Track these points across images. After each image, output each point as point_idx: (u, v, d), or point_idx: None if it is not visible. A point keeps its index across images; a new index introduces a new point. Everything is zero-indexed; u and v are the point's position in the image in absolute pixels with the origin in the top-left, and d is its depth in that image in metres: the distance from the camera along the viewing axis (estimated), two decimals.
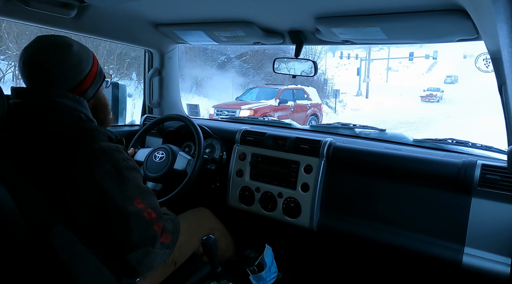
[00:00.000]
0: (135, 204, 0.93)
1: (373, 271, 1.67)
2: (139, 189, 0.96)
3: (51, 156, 0.88)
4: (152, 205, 0.98)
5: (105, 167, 0.90)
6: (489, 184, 1.25)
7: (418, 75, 41.81)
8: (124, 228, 0.92)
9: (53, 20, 1.42)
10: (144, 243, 0.94)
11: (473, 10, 0.97)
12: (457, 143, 1.54)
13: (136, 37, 1.86)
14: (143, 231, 0.94)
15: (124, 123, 2.18)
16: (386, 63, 39.53)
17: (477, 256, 1.26)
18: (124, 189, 0.92)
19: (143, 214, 0.94)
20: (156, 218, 0.98)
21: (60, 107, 0.92)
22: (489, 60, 1.23)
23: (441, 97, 27.73)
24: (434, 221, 1.36)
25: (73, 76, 0.97)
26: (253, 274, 1.58)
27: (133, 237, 0.92)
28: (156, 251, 0.97)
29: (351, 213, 1.53)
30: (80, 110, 0.96)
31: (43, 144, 0.89)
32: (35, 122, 0.90)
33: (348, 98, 24.45)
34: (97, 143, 0.92)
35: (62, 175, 0.87)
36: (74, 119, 0.94)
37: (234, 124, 1.99)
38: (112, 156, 0.92)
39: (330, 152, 1.56)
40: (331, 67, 42.04)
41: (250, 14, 1.44)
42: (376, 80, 36.51)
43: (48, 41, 0.96)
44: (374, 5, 1.17)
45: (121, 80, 9.59)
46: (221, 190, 1.81)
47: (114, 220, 0.91)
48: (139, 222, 0.93)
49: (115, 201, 0.90)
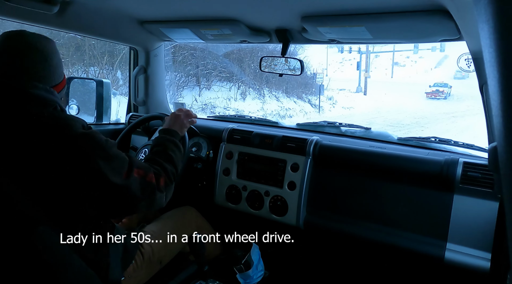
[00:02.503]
0: (126, 176, 0.97)
1: (358, 268, 1.69)
2: (123, 161, 1.00)
3: (33, 149, 0.86)
4: (136, 164, 1.03)
5: (93, 148, 0.92)
6: (471, 181, 1.28)
7: (426, 70, 38.72)
8: (127, 198, 0.98)
9: (35, 16, 1.38)
10: (148, 196, 1.03)
11: (455, 11, 0.99)
12: (440, 141, 1.57)
13: (120, 34, 1.83)
14: (142, 190, 1.01)
15: (109, 121, 2.14)
16: (392, 58, 37.07)
17: (459, 252, 1.29)
18: (114, 166, 0.95)
19: (135, 176, 1.00)
20: (145, 172, 1.03)
21: (35, 98, 0.91)
22: (470, 60, 1.26)
23: (449, 93, 24.53)
24: (417, 218, 1.38)
25: (57, 77, 0.99)
26: (240, 272, 1.58)
27: (137, 200, 1.00)
28: (158, 194, 1.06)
29: (337, 211, 1.54)
30: (55, 100, 0.95)
31: (22, 136, 0.86)
32: (10, 115, 0.88)
33: (342, 95, 21.79)
34: (77, 130, 0.93)
35: (50, 167, 0.85)
36: (50, 109, 0.93)
37: (221, 123, 1.99)
38: (95, 137, 0.95)
39: (317, 150, 1.57)
40: (335, 63, 40.73)
41: (237, 13, 1.43)
42: (381, 76, 34.74)
43: (21, 36, 0.96)
44: (359, 5, 1.18)
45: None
46: (208, 189, 1.80)
47: (114, 195, 0.95)
48: (136, 186, 0.99)
49: (109, 180, 0.93)
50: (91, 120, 2.05)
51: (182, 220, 1.50)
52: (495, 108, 0.32)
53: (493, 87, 0.31)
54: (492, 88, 0.32)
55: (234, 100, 13.08)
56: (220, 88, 12.63)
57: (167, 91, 2.30)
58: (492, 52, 0.30)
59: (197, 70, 11.84)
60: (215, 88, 12.51)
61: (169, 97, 2.31)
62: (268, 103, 14.19)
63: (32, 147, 0.86)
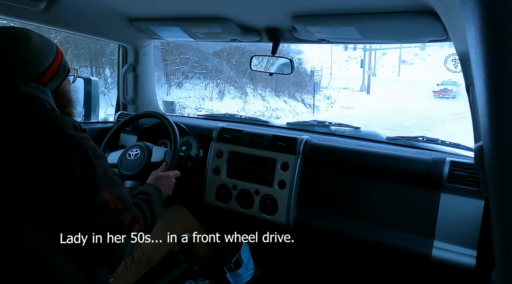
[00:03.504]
0: (103, 193, 0.90)
1: (347, 266, 1.71)
2: (107, 178, 0.93)
3: (16, 147, 0.84)
4: (120, 194, 0.95)
5: (75, 154, 0.87)
6: (457, 179, 1.30)
7: (435, 68, 35.95)
8: (91, 217, 0.88)
9: (21, 12, 1.35)
10: (112, 234, 0.91)
11: (443, 12, 1.00)
12: (427, 140, 1.59)
13: (109, 32, 1.81)
14: (109, 221, 0.91)
15: (97, 120, 2.12)
16: (399, 56, 35.60)
17: (445, 249, 1.31)
18: (93, 177, 0.88)
19: (110, 205, 0.91)
20: (123, 208, 0.94)
21: (23, 95, 0.89)
22: (457, 61, 1.28)
23: (458, 92, 22.51)
24: (405, 216, 1.40)
25: (31, 68, 0.93)
26: (230, 271, 1.58)
27: (99, 226, 0.89)
28: (125, 241, 0.94)
29: (327, 210, 1.55)
30: (45, 98, 0.92)
31: (5, 133, 0.85)
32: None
33: (343, 94, 20.48)
34: (64, 131, 0.88)
35: (29, 165, 0.83)
36: (38, 107, 0.90)
37: (211, 122, 1.98)
38: (81, 143, 0.89)
39: (307, 149, 1.58)
40: (340, 61, 39.57)
41: (227, 11, 1.43)
42: (387, 74, 33.44)
43: (5, 32, 0.93)
44: (349, 5, 1.19)
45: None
46: (197, 188, 1.80)
47: (81, 209, 0.87)
48: (105, 212, 0.90)
49: (83, 189, 0.86)
50: (79, 119, 2.02)
51: (171, 219, 1.49)
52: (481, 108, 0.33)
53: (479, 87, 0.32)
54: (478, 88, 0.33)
55: (209, 100, 11.81)
56: (193, 86, 11.26)
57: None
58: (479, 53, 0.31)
59: (165, 65, 10.38)
60: (188, 86, 11.08)
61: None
62: (252, 103, 13.02)
63: (16, 145, 0.84)
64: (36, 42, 0.95)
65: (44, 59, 0.95)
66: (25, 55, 0.92)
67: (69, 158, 0.86)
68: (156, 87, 2.25)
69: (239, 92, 13.03)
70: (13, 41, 0.92)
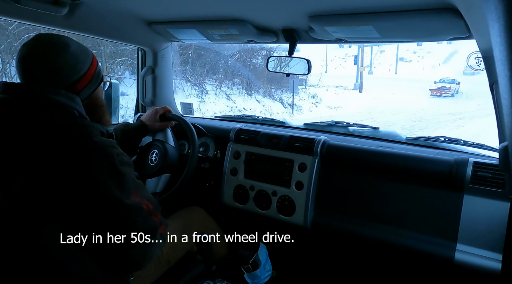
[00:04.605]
0: (132, 198, 0.93)
1: (366, 269, 1.68)
2: (134, 183, 0.96)
3: (44, 154, 0.87)
4: (148, 197, 0.99)
5: (102, 162, 0.90)
6: (481, 181, 1.26)
7: (434, 65, 35.89)
8: (125, 221, 0.91)
9: (44, 18, 1.40)
10: (146, 235, 0.94)
11: (465, 9, 0.98)
12: (449, 140, 1.55)
13: (129, 35, 1.84)
14: (144, 222, 0.94)
15: (117, 122, 2.16)
16: (396, 53, 35.07)
17: (469, 253, 1.27)
18: (121, 183, 0.92)
19: (142, 206, 0.95)
20: (154, 209, 0.98)
21: (51, 103, 0.92)
22: (480, 59, 1.24)
23: (457, 90, 21.79)
24: (426, 219, 1.37)
25: (66, 76, 0.96)
26: (248, 272, 1.58)
27: (135, 228, 0.92)
28: (157, 242, 0.97)
29: (345, 211, 1.54)
30: (73, 107, 0.95)
31: (33, 141, 0.87)
32: (26, 119, 0.89)
33: (332, 92, 19.30)
34: (92, 138, 0.91)
35: (55, 172, 0.86)
36: (67, 116, 0.93)
37: (228, 123, 1.99)
38: (108, 151, 0.92)
39: (324, 150, 1.56)
40: (337, 59, 38.92)
41: (244, 13, 1.43)
42: (384, 72, 32.83)
43: (45, 39, 0.96)
44: (367, 4, 1.17)
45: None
46: (215, 189, 1.81)
47: (115, 215, 0.90)
48: (139, 214, 0.93)
49: (114, 196, 0.89)
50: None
51: (189, 220, 1.50)
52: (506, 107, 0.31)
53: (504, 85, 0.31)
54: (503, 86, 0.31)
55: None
56: (134, 81, 7.73)
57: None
58: (503, 50, 0.30)
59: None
60: (129, 81, 8.51)
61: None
62: (211, 103, 11.42)
63: (45, 153, 0.87)
64: (74, 50, 0.98)
65: (80, 67, 0.99)
66: (62, 63, 0.95)
67: (97, 167, 0.89)
68: None
69: (196, 90, 11.35)
70: (52, 49, 0.94)
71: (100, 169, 0.89)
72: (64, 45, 0.96)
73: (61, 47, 0.96)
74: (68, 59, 0.96)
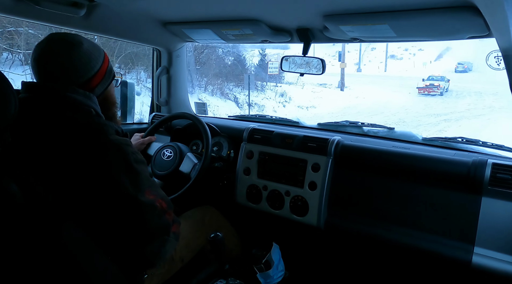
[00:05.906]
0: (147, 195, 0.95)
1: (381, 270, 1.66)
2: (148, 181, 0.98)
3: (62, 151, 0.89)
4: (161, 195, 1.01)
5: (117, 160, 0.92)
6: (500, 183, 1.23)
7: (425, 63, 34.11)
8: (140, 219, 0.93)
9: (63, 19, 1.43)
10: (160, 233, 0.97)
11: (484, 7, 0.95)
12: (467, 141, 1.52)
13: (144, 36, 1.87)
14: (157, 220, 0.96)
15: (133, 121, 2.19)
16: (386, 50, 33.59)
17: (487, 256, 1.24)
18: (136, 180, 0.94)
19: (156, 204, 0.96)
20: (167, 207, 1.00)
21: (71, 102, 0.94)
22: (500, 58, 1.21)
23: (446, 88, 20.26)
24: (443, 221, 1.34)
25: (81, 73, 0.98)
26: (260, 272, 1.58)
27: (149, 226, 0.94)
28: (170, 240, 0.99)
29: (359, 212, 1.52)
30: (90, 105, 0.97)
31: (54, 139, 0.90)
32: (46, 118, 0.91)
33: (308, 90, 17.45)
34: (107, 137, 0.93)
35: (74, 170, 0.88)
36: (85, 114, 0.95)
37: (242, 123, 1.99)
38: (122, 149, 0.94)
39: (338, 150, 1.55)
40: (327, 56, 36.83)
41: (258, 12, 1.44)
42: (373, 70, 31.47)
43: (59, 38, 0.98)
44: (382, 3, 1.16)
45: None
46: (228, 188, 1.82)
47: (129, 212, 0.92)
48: (153, 212, 0.95)
49: (129, 193, 0.92)
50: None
51: (203, 219, 1.51)
52: None
53: None
54: None
55: None
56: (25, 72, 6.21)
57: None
58: None
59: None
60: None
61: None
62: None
63: (63, 150, 0.89)
64: (87, 48, 1.00)
65: (94, 64, 1.01)
66: (76, 61, 0.97)
67: (113, 165, 0.91)
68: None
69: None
70: (66, 47, 0.97)
71: (116, 167, 0.91)
72: (77, 43, 0.98)
73: (75, 45, 0.98)
74: (82, 56, 0.98)
